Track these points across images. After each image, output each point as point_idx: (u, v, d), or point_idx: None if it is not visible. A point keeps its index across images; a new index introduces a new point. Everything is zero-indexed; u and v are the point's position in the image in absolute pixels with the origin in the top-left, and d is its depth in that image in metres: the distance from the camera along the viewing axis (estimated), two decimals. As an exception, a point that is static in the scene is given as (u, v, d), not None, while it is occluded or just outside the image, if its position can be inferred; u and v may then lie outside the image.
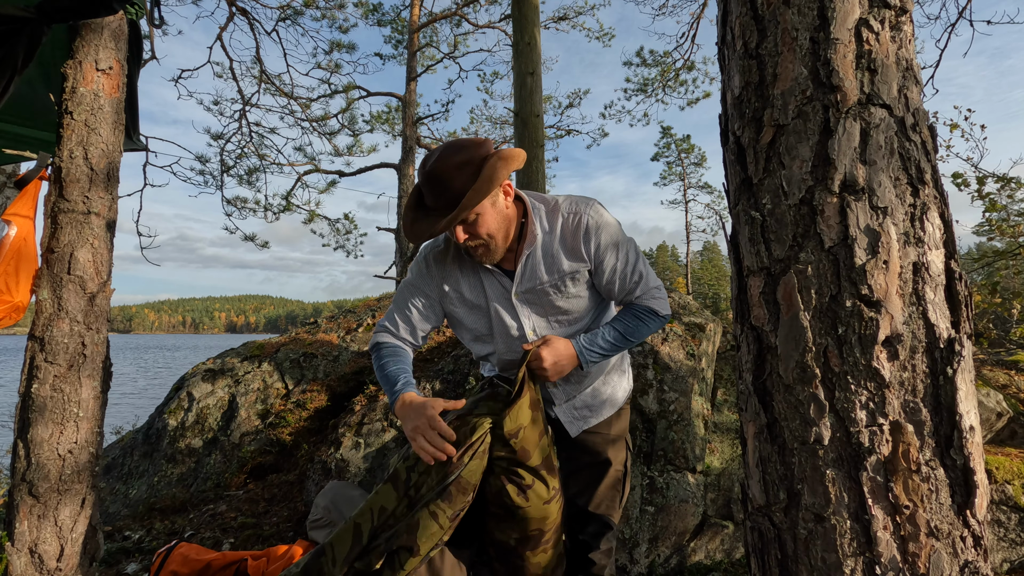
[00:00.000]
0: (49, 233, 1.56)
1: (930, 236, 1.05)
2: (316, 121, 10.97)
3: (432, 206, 1.43)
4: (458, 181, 1.37)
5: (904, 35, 1.11)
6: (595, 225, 1.51)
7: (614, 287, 1.56)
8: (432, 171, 1.39)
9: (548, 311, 1.57)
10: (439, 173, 1.38)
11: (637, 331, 1.55)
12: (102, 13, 1.57)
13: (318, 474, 3.01)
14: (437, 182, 1.39)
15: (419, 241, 1.44)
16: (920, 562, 0.97)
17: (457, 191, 1.37)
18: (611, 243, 1.52)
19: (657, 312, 1.56)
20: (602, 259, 1.52)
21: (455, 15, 11.89)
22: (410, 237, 1.45)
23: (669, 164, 31.88)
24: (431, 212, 1.43)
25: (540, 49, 2.66)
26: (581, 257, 1.52)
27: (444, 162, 1.37)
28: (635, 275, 1.55)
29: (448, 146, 1.41)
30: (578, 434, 1.69)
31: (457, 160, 1.37)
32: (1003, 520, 2.69)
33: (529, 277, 1.53)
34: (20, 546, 1.45)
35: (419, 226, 1.44)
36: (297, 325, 4.83)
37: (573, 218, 1.52)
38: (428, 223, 1.42)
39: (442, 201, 1.40)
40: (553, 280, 1.53)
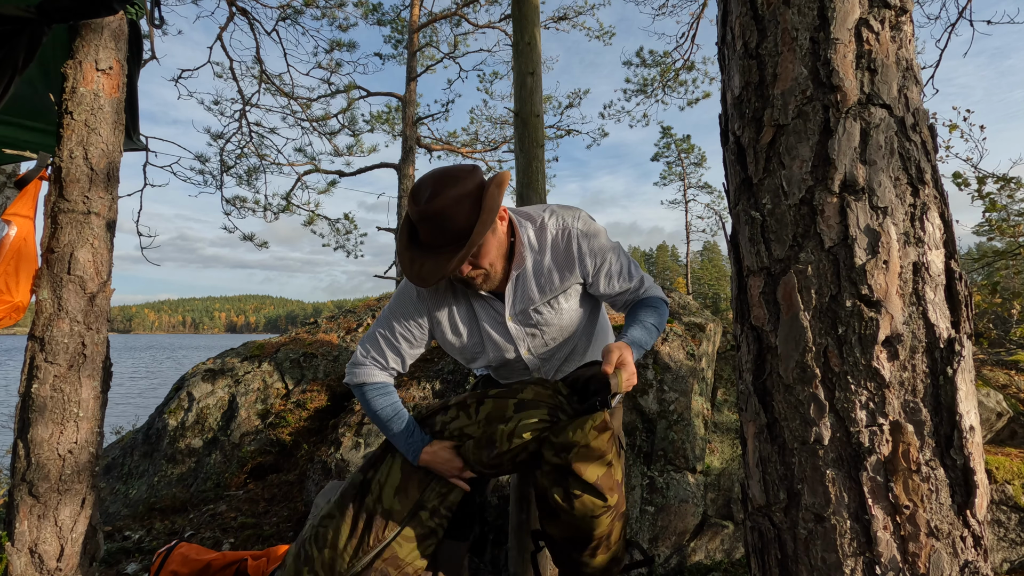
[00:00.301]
0: (49, 233, 1.56)
1: (930, 236, 1.05)
2: (316, 121, 10.97)
3: (433, 244, 1.34)
4: (460, 216, 1.30)
5: (904, 35, 1.11)
6: (586, 239, 1.47)
7: (615, 291, 1.53)
8: (431, 209, 1.30)
9: (543, 329, 1.54)
10: (439, 210, 1.29)
11: (658, 317, 1.51)
12: (102, 13, 1.57)
13: (318, 474, 3.01)
14: (438, 219, 1.30)
15: (427, 284, 1.33)
16: (920, 562, 0.97)
17: (462, 227, 1.30)
18: (604, 252, 1.49)
19: (664, 300, 1.56)
20: (599, 270, 1.50)
21: (455, 15, 11.88)
22: (416, 281, 1.35)
23: (669, 164, 31.89)
24: (433, 250, 1.34)
25: (540, 49, 2.66)
26: (575, 272, 1.48)
27: (442, 198, 1.29)
28: (633, 276, 1.54)
29: (440, 179, 1.32)
30: None
31: (455, 194, 1.29)
32: (1003, 520, 2.69)
33: (521, 298, 1.49)
34: (20, 546, 1.45)
35: (424, 268, 1.34)
36: (297, 325, 4.83)
37: (563, 234, 1.47)
38: (434, 264, 1.33)
39: (445, 239, 1.32)
40: (546, 299, 1.50)
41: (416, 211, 1.32)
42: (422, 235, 1.36)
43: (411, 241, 1.40)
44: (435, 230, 1.32)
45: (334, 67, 10.88)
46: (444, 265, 1.31)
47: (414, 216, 1.33)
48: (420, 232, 1.36)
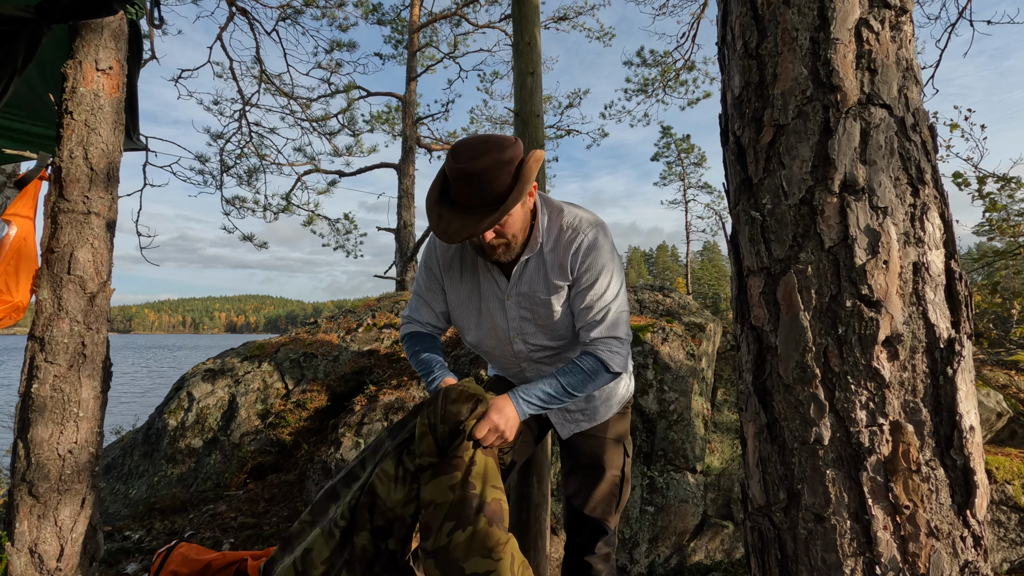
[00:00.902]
0: (49, 233, 1.56)
1: (930, 236, 1.05)
2: (316, 121, 10.97)
3: (465, 204, 1.35)
4: (499, 181, 1.31)
5: (904, 35, 1.11)
6: (588, 247, 1.44)
7: (578, 318, 1.48)
8: (472, 169, 1.30)
9: (536, 319, 1.53)
10: (479, 171, 1.29)
11: (582, 385, 1.44)
12: (102, 13, 1.57)
13: (318, 474, 3.01)
14: (476, 180, 1.30)
15: (453, 241, 1.35)
16: (920, 562, 0.97)
17: (498, 191, 1.32)
18: (596, 268, 1.44)
19: (608, 367, 1.44)
20: (580, 281, 1.45)
21: (455, 15, 11.89)
22: (442, 236, 1.36)
23: (669, 164, 31.88)
24: (465, 210, 1.35)
25: (540, 49, 2.67)
26: (566, 275, 1.46)
27: (485, 160, 1.30)
28: (602, 313, 1.44)
29: (484, 143, 1.33)
30: (571, 436, 1.68)
31: (497, 158, 1.30)
32: (1003, 520, 2.69)
33: (523, 282, 1.50)
34: (20, 546, 1.45)
35: (452, 226, 1.35)
36: (297, 325, 4.83)
37: (571, 234, 1.46)
38: (463, 223, 1.33)
39: (479, 200, 1.32)
40: (540, 293, 1.49)
41: (455, 168, 1.31)
42: (455, 193, 1.36)
43: (441, 197, 1.40)
44: (471, 190, 1.32)
45: (334, 67, 10.89)
46: (475, 225, 1.32)
47: (452, 173, 1.33)
48: (453, 189, 1.36)
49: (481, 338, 1.60)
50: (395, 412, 3.17)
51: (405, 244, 11.36)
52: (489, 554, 1.24)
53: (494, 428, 1.35)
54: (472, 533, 1.25)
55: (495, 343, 1.59)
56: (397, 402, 3.24)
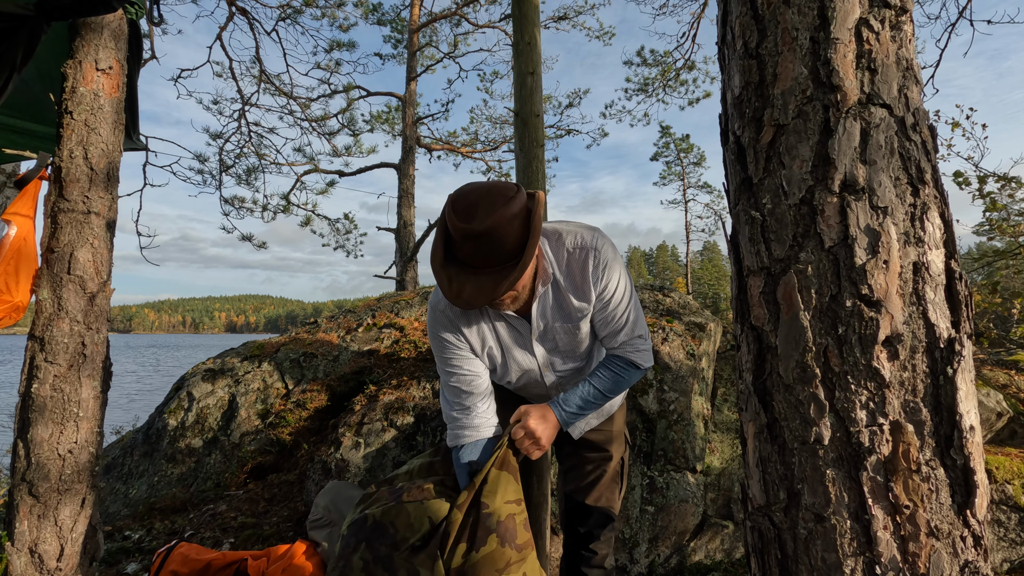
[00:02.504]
0: (49, 233, 1.56)
1: (930, 236, 1.05)
2: (316, 121, 10.97)
3: (474, 264, 1.27)
4: (510, 238, 1.24)
5: (904, 35, 1.11)
6: (603, 264, 1.41)
7: (601, 329, 1.49)
8: (480, 229, 1.22)
9: (562, 347, 1.51)
10: (489, 230, 1.22)
11: (616, 387, 1.47)
12: (101, 11, 1.57)
13: (318, 474, 3.01)
14: (486, 239, 1.23)
15: (471, 307, 1.27)
16: (920, 562, 0.97)
17: (512, 248, 1.25)
18: (612, 278, 1.44)
19: (638, 365, 1.48)
20: (603, 299, 1.44)
21: (455, 15, 11.88)
22: (457, 302, 1.28)
23: (668, 164, 31.88)
24: (475, 270, 1.28)
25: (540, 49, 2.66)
26: (587, 297, 1.44)
27: (494, 217, 1.22)
28: (624, 318, 1.46)
29: (488, 197, 1.25)
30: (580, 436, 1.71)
31: (506, 214, 1.23)
32: (1003, 520, 2.69)
33: (545, 317, 1.46)
34: (20, 546, 1.45)
35: (466, 290, 1.26)
36: (297, 325, 4.83)
37: (580, 254, 1.41)
38: (478, 286, 1.26)
39: (490, 259, 1.26)
40: (565, 322, 1.46)
41: (463, 229, 1.23)
42: (463, 254, 1.28)
43: (447, 259, 1.31)
44: (482, 250, 1.25)
45: (334, 67, 10.89)
46: (492, 288, 1.25)
47: (458, 234, 1.24)
48: (461, 250, 1.27)
49: (508, 379, 1.56)
50: (395, 412, 3.17)
51: (405, 244, 11.36)
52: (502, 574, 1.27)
53: (531, 433, 1.38)
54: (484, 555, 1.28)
55: (525, 381, 1.57)
56: (397, 402, 3.24)
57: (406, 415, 3.13)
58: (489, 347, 1.49)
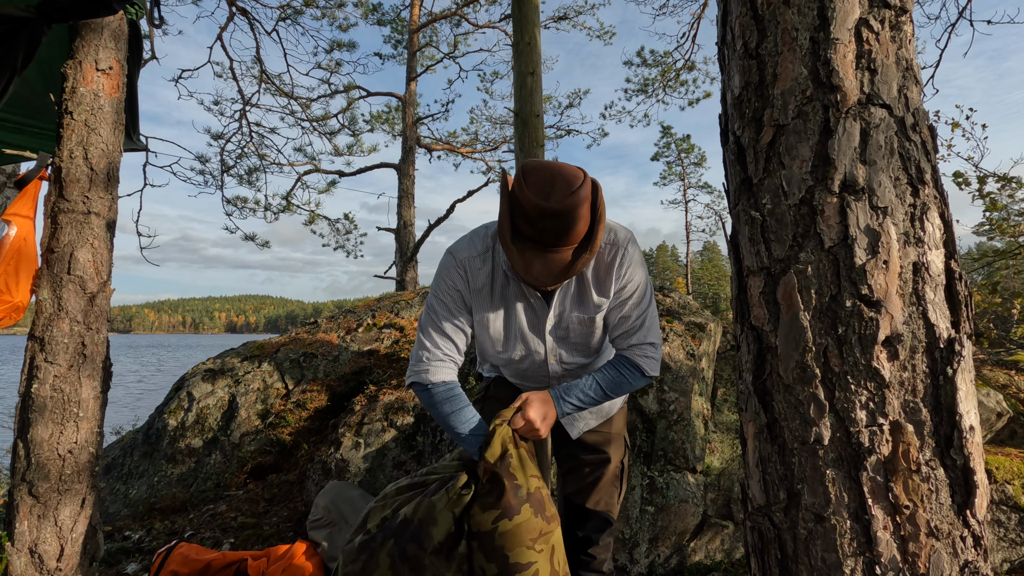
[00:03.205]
0: (49, 233, 1.56)
1: (930, 236, 1.05)
2: (316, 121, 10.98)
3: (543, 241, 1.30)
4: (583, 218, 1.29)
5: (904, 35, 1.11)
6: (629, 264, 1.44)
7: (615, 329, 1.50)
8: (562, 207, 1.25)
9: (572, 337, 1.52)
10: (569, 210, 1.26)
11: (619, 388, 1.48)
12: (102, 13, 1.57)
13: (318, 474, 3.01)
14: (564, 219, 1.26)
15: (542, 285, 1.31)
16: (920, 562, 0.97)
17: (580, 229, 1.30)
18: (635, 280, 1.46)
19: (643, 371, 1.49)
20: (620, 293, 1.46)
21: (455, 15, 11.89)
22: (527, 276, 1.31)
23: (669, 164, 31.89)
24: (543, 247, 1.31)
25: (540, 49, 2.66)
26: (607, 293, 1.46)
27: (572, 197, 1.25)
28: (639, 320, 1.48)
29: (564, 177, 1.28)
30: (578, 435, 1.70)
31: (581, 195, 1.27)
32: (1003, 520, 2.69)
33: (563, 304, 1.48)
34: (20, 546, 1.45)
35: (535, 266, 1.30)
36: (297, 325, 4.83)
37: (610, 250, 1.44)
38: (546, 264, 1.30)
39: (561, 238, 1.29)
40: (582, 314, 1.48)
41: (540, 207, 1.25)
42: (533, 231, 1.30)
43: (515, 233, 1.34)
44: (556, 228, 1.27)
45: (334, 67, 10.89)
46: (564, 269, 1.29)
47: (534, 210, 1.26)
48: (533, 227, 1.29)
49: (509, 358, 1.56)
50: (395, 412, 3.17)
51: (405, 244, 11.36)
52: (532, 545, 1.27)
53: (529, 421, 1.38)
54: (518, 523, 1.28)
55: (528, 364, 1.57)
56: (397, 402, 3.24)
57: (406, 415, 3.13)
58: (497, 317, 1.49)
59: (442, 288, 1.47)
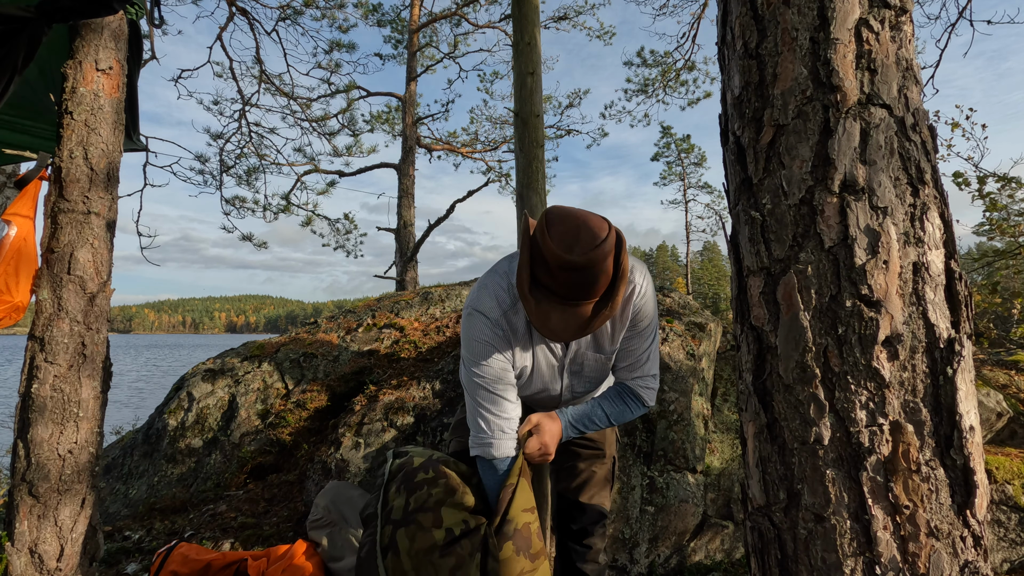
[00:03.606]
0: (49, 233, 1.56)
1: (930, 236, 1.05)
2: (316, 121, 10.97)
3: (564, 295, 1.27)
4: (605, 273, 1.26)
5: (904, 35, 1.11)
6: (643, 300, 1.45)
7: (620, 360, 1.53)
8: (585, 261, 1.22)
9: (586, 372, 1.54)
10: (592, 265, 1.23)
11: (621, 416, 1.53)
12: (102, 13, 1.57)
13: (318, 474, 3.01)
14: (586, 273, 1.24)
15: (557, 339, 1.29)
16: (920, 562, 0.97)
17: (602, 284, 1.27)
18: (648, 316, 1.48)
19: (644, 402, 1.53)
20: (634, 328, 1.48)
21: (455, 15, 11.88)
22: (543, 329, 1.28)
23: (669, 164, 31.89)
24: (563, 300, 1.28)
25: (540, 49, 2.67)
26: (621, 330, 1.47)
27: (596, 252, 1.23)
28: (645, 355, 1.51)
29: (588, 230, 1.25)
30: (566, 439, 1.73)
31: (606, 249, 1.24)
32: (1003, 520, 2.69)
33: (579, 343, 1.49)
34: (20, 546, 1.45)
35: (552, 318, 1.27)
36: (297, 325, 4.83)
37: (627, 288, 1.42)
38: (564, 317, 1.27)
39: (582, 292, 1.27)
40: (597, 352, 1.50)
41: (563, 260, 1.22)
42: (553, 283, 1.27)
43: (533, 284, 1.31)
44: (577, 282, 1.25)
45: (334, 67, 10.89)
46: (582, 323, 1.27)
47: (556, 263, 1.23)
48: (553, 279, 1.26)
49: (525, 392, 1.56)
50: (395, 412, 3.17)
51: (405, 244, 11.36)
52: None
53: (544, 446, 1.43)
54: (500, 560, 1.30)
55: (541, 397, 1.59)
56: (397, 402, 3.24)
57: (406, 415, 3.13)
58: (523, 363, 1.49)
59: (483, 351, 1.42)
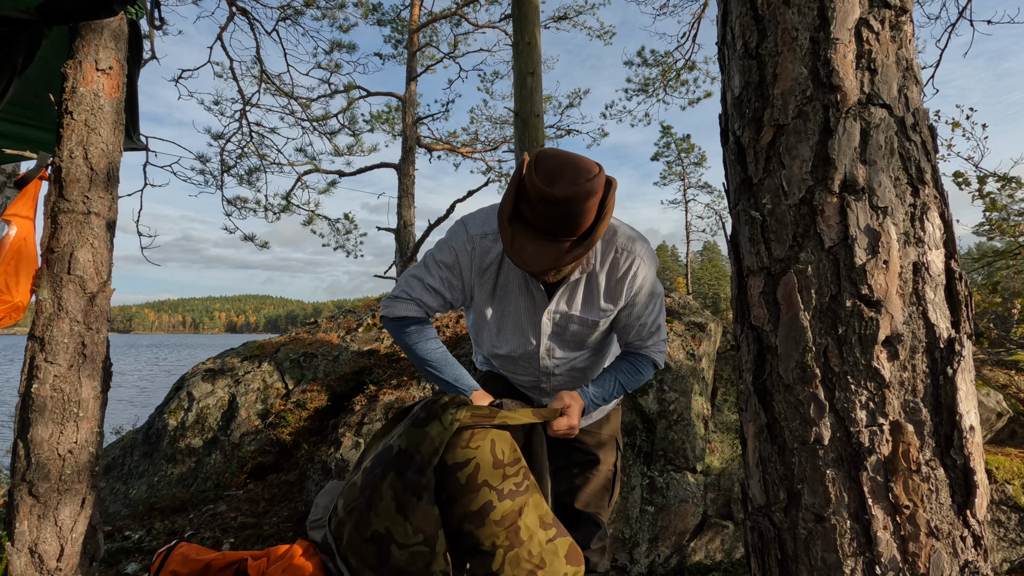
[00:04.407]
0: (49, 233, 1.56)
1: (930, 236, 1.05)
2: (316, 121, 10.97)
3: (542, 228, 1.27)
4: (585, 212, 1.25)
5: (904, 35, 1.11)
6: (643, 273, 1.44)
7: (630, 332, 1.51)
8: (564, 196, 1.21)
9: (568, 336, 1.52)
10: (569, 199, 1.21)
11: (637, 383, 1.54)
12: (102, 15, 1.57)
13: (318, 474, 3.01)
14: (564, 207, 1.22)
15: (528, 268, 1.28)
16: (920, 562, 0.97)
17: (582, 223, 1.26)
18: (648, 292, 1.46)
19: (657, 364, 1.55)
20: (633, 307, 1.47)
21: (455, 15, 11.88)
22: (516, 259, 1.28)
23: (669, 164, 31.88)
24: (540, 234, 1.27)
25: (540, 49, 2.66)
26: (617, 299, 1.45)
27: (577, 188, 1.22)
28: (653, 327, 1.51)
29: (574, 168, 1.25)
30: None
31: (588, 188, 1.23)
32: (1003, 520, 2.69)
33: (567, 302, 1.47)
34: (20, 546, 1.45)
35: (527, 250, 1.27)
36: (297, 325, 4.83)
37: (625, 257, 1.42)
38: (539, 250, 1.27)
39: (560, 228, 1.25)
40: (585, 315, 1.48)
41: (543, 193, 1.21)
42: (533, 215, 1.27)
43: (514, 215, 1.30)
44: (555, 216, 1.24)
45: (334, 67, 10.89)
46: (554, 257, 1.26)
47: (536, 195, 1.23)
48: (533, 212, 1.26)
49: (503, 348, 1.55)
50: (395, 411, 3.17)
51: (405, 244, 11.36)
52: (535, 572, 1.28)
53: (573, 427, 1.44)
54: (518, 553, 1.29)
55: (520, 354, 1.57)
56: (397, 402, 3.24)
57: (406, 415, 3.13)
58: (496, 301, 1.49)
59: (444, 255, 1.46)
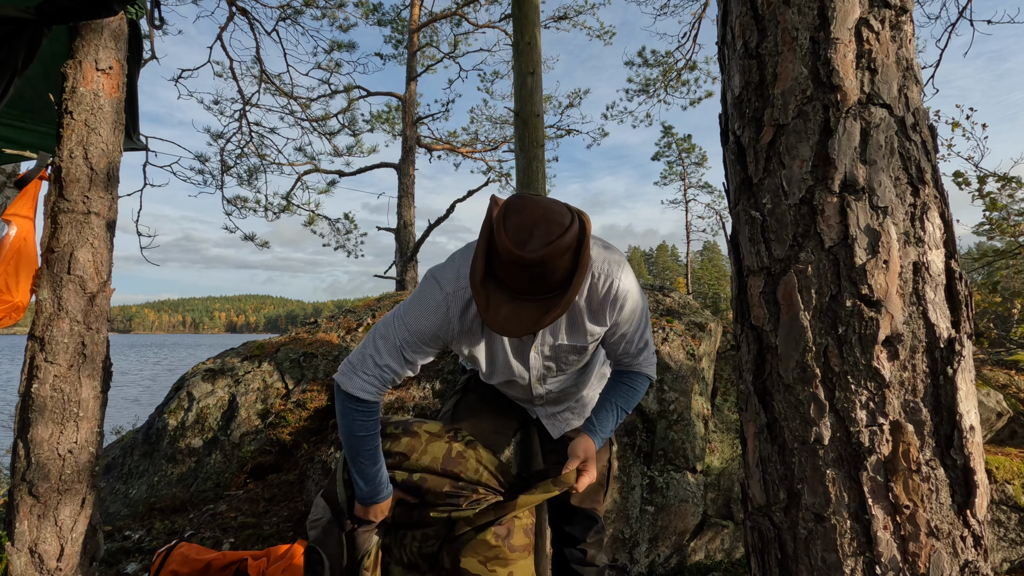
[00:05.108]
0: (49, 233, 1.56)
1: (930, 236, 1.05)
2: (316, 121, 10.96)
3: (518, 289, 1.22)
4: (560, 269, 1.20)
5: (904, 35, 1.11)
6: (624, 294, 1.40)
7: (618, 349, 1.51)
8: (538, 258, 1.16)
9: (560, 364, 1.52)
10: (546, 261, 1.17)
11: (635, 402, 1.55)
12: (102, 15, 1.57)
13: (318, 474, 3.01)
14: (538, 268, 1.18)
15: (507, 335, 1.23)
16: (920, 562, 0.97)
17: (559, 280, 1.21)
18: (632, 311, 1.44)
19: (651, 378, 1.57)
20: (619, 325, 1.45)
21: (455, 15, 11.88)
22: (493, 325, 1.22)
23: (670, 164, 31.86)
24: (516, 295, 1.23)
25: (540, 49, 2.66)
26: (603, 322, 1.44)
27: (550, 248, 1.17)
28: (641, 342, 1.50)
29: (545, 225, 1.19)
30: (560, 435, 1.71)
31: (563, 245, 1.18)
32: (1003, 520, 2.69)
33: (551, 333, 1.46)
34: (20, 546, 1.45)
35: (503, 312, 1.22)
36: (297, 325, 4.83)
37: (604, 281, 1.39)
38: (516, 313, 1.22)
39: (540, 288, 1.22)
40: (573, 343, 1.47)
41: (515, 256, 1.17)
42: (506, 275, 1.22)
43: (487, 276, 1.25)
44: (530, 278, 1.20)
45: (334, 67, 10.88)
46: (532, 321, 1.21)
47: (508, 258, 1.19)
48: (506, 272, 1.22)
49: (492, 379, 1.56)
50: (395, 412, 3.17)
51: (405, 244, 11.36)
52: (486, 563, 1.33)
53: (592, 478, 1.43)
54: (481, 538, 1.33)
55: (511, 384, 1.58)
56: (397, 402, 3.24)
57: (406, 415, 3.13)
58: (487, 348, 1.47)
59: (418, 316, 1.39)
